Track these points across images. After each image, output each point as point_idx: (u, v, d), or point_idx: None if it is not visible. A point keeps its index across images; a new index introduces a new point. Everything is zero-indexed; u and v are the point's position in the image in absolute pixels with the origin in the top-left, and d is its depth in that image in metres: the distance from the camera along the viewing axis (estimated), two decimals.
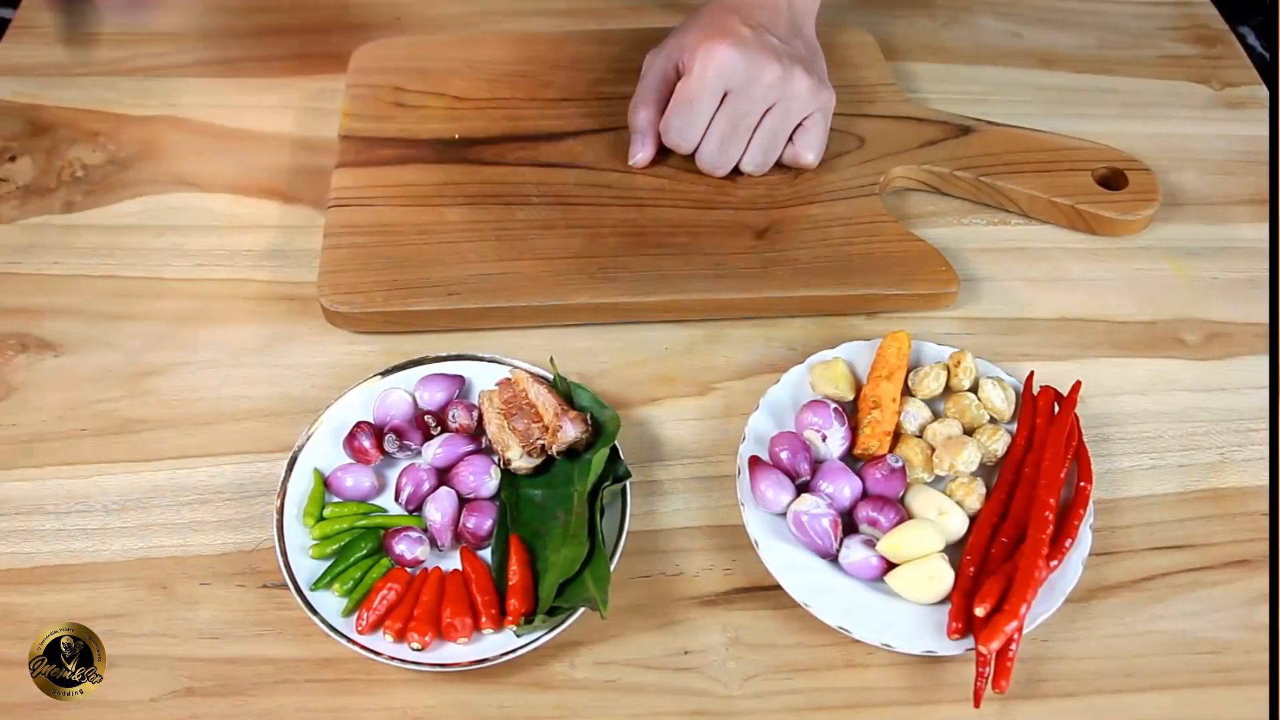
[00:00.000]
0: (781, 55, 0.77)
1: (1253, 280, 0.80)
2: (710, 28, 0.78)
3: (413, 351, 0.74)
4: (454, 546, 0.66)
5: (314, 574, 0.64)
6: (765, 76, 0.76)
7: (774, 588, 0.63)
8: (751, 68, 0.76)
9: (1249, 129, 0.91)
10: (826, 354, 0.73)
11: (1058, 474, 0.65)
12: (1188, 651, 0.63)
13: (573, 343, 0.76)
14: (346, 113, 0.86)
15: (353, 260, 0.77)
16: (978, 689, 0.59)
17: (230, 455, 0.71)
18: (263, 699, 0.61)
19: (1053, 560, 0.62)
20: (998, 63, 0.96)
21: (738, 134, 0.79)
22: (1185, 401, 0.74)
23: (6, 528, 0.67)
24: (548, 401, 0.68)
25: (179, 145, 0.88)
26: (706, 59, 0.76)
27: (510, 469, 0.67)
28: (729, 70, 0.76)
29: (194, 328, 0.77)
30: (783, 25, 0.81)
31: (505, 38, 0.94)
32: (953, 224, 0.84)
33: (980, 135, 0.86)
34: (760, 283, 0.76)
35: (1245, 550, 0.67)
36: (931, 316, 0.78)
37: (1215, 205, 0.85)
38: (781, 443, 0.67)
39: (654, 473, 0.70)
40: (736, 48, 0.76)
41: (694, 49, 0.77)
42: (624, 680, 0.62)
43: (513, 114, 0.87)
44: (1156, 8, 1.01)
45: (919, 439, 0.69)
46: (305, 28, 0.98)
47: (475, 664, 0.60)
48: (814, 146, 0.81)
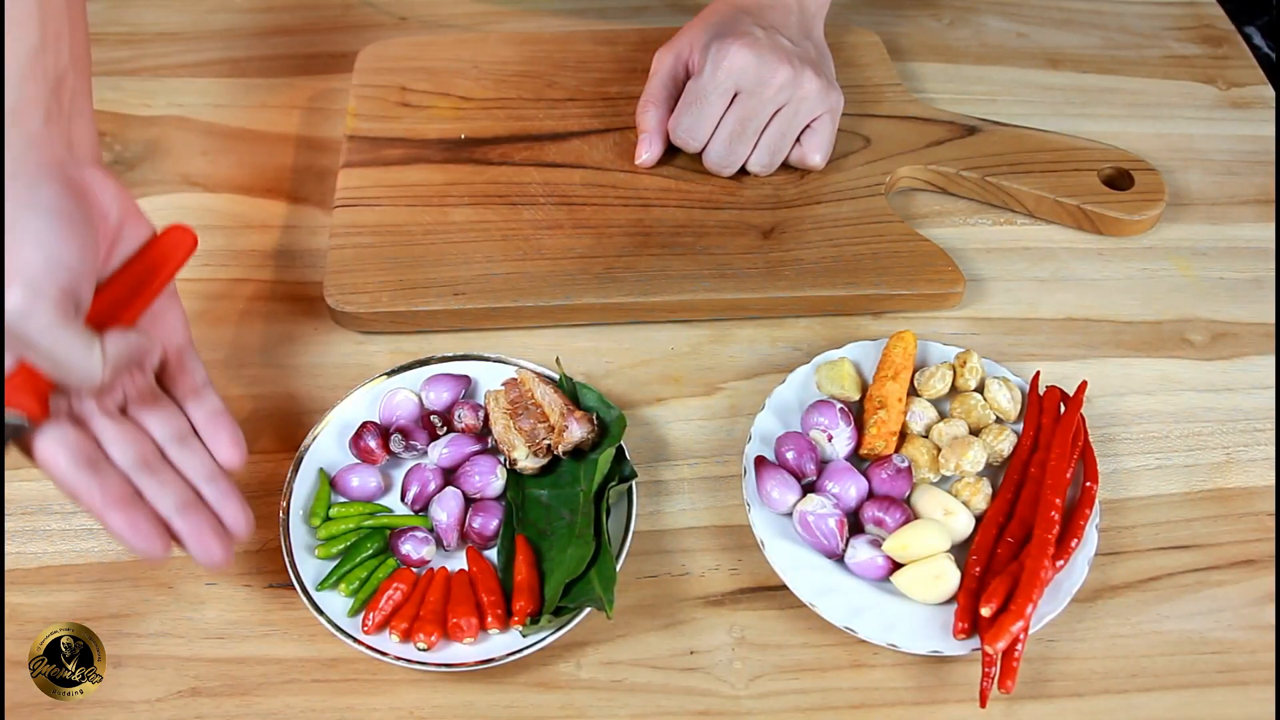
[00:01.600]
0: (792, 57, 0.77)
1: (1259, 280, 0.80)
2: (722, 27, 0.78)
3: (418, 351, 0.74)
4: (460, 546, 0.66)
5: (320, 574, 0.64)
6: (776, 78, 0.76)
7: (780, 588, 0.63)
8: (763, 69, 0.76)
9: (1255, 129, 0.90)
10: (832, 354, 0.73)
11: (1063, 474, 0.65)
12: (1194, 652, 0.63)
13: (579, 343, 0.76)
14: (352, 113, 0.86)
15: (359, 260, 0.77)
16: (983, 689, 0.59)
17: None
18: (268, 699, 0.61)
19: (1059, 560, 0.62)
20: (1003, 63, 0.96)
21: (746, 134, 0.79)
22: (1191, 402, 0.74)
23: (13, 527, 0.67)
24: (554, 401, 0.68)
25: (185, 145, 0.88)
26: (718, 58, 0.76)
27: (516, 469, 0.67)
28: (740, 70, 0.76)
29: (200, 328, 0.77)
30: (793, 26, 0.81)
31: (511, 37, 0.94)
32: (959, 224, 0.84)
33: (986, 135, 0.86)
34: (766, 283, 0.76)
35: (1251, 550, 0.67)
36: (937, 316, 0.78)
37: (1221, 205, 0.85)
38: (787, 443, 0.67)
39: (660, 473, 0.70)
40: (749, 48, 0.76)
41: (705, 48, 0.78)
42: (630, 680, 0.62)
43: (518, 114, 0.87)
44: (1162, 8, 1.01)
45: (925, 439, 0.69)
46: (311, 28, 0.98)
47: (481, 664, 0.60)
48: (821, 148, 0.81)
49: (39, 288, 0.52)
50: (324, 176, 0.85)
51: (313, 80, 0.94)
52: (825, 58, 0.84)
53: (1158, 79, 0.95)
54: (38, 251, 0.53)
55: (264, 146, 0.88)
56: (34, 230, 0.53)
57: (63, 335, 0.53)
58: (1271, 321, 0.78)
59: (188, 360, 0.63)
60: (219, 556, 0.58)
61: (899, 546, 0.63)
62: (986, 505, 0.66)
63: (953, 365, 0.72)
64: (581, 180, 0.83)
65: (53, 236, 0.54)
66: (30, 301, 0.52)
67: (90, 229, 0.56)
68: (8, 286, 0.52)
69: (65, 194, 0.55)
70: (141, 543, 0.55)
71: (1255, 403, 0.74)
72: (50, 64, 0.57)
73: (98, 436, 0.58)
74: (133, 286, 0.60)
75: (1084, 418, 0.69)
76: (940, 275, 0.77)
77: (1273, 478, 0.70)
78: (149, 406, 0.60)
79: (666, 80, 0.82)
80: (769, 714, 0.61)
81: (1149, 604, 0.65)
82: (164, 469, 0.59)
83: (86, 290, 0.55)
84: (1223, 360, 0.76)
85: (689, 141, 0.80)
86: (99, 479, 0.56)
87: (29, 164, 0.55)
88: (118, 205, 0.59)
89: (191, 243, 0.63)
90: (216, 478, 0.60)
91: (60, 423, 0.57)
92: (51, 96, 0.57)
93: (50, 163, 0.56)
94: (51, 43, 0.57)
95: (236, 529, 0.59)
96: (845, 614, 0.61)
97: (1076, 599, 0.63)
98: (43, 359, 0.54)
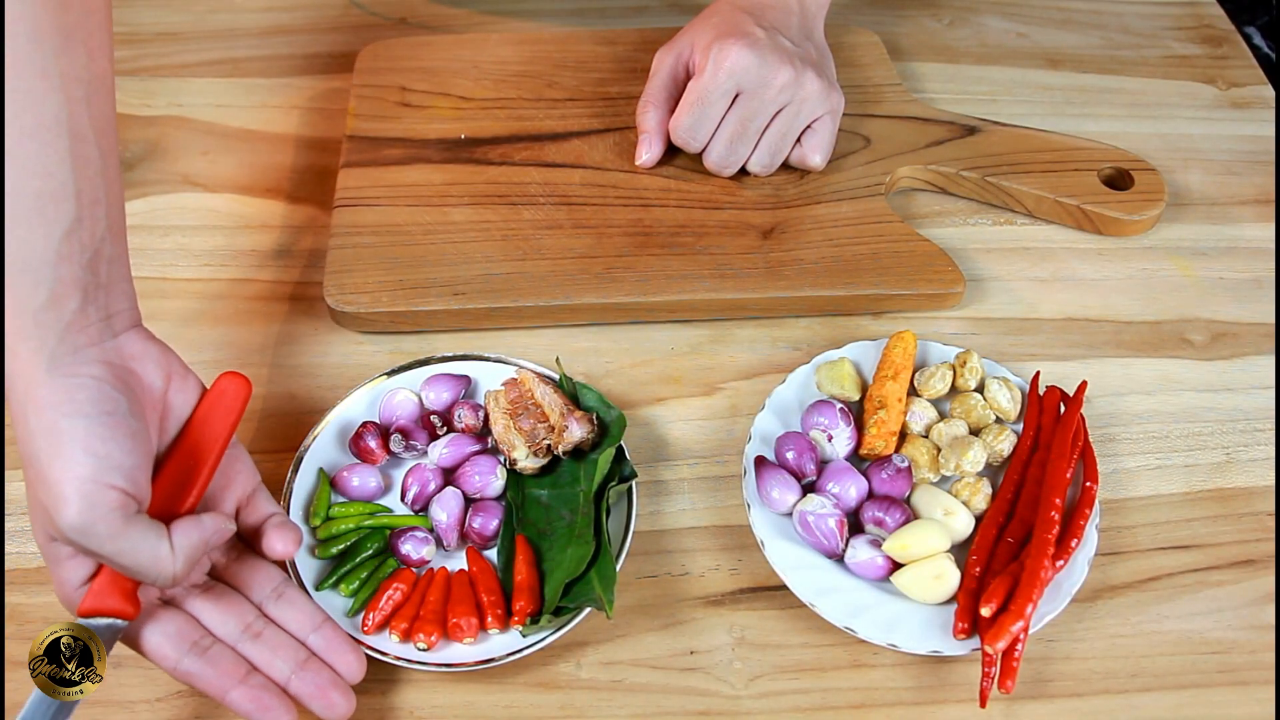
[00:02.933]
0: (794, 58, 0.77)
1: (1258, 280, 0.80)
2: (723, 27, 0.78)
3: (418, 351, 0.74)
4: (460, 546, 0.66)
5: (320, 574, 0.64)
6: (778, 79, 0.76)
7: (780, 588, 0.63)
8: (764, 69, 0.76)
9: (1255, 129, 0.90)
10: (832, 354, 0.73)
11: (1063, 474, 0.65)
12: (1194, 652, 0.63)
13: (578, 343, 0.76)
14: (352, 113, 0.86)
15: (359, 260, 0.77)
16: (983, 689, 0.59)
17: None
18: None
19: (1059, 560, 0.62)
20: (1003, 63, 0.96)
21: (747, 134, 0.79)
22: (1191, 401, 0.74)
23: (13, 527, 0.67)
24: (554, 401, 0.68)
25: (184, 145, 0.88)
26: (720, 58, 0.76)
27: (516, 469, 0.67)
28: (741, 70, 0.76)
29: (199, 327, 0.77)
30: (794, 27, 0.81)
31: (510, 37, 0.94)
32: (959, 224, 0.84)
33: (986, 135, 0.86)
34: (766, 283, 0.76)
35: (1251, 550, 0.67)
36: (937, 316, 0.78)
37: (1221, 205, 0.85)
38: (787, 443, 0.67)
39: (660, 473, 0.70)
40: (751, 48, 0.75)
41: (706, 48, 0.77)
42: (630, 680, 0.62)
43: (518, 114, 0.87)
44: (1162, 8, 1.01)
45: (925, 439, 0.69)
46: (311, 28, 0.98)
47: (481, 664, 0.60)
48: (822, 149, 0.81)
49: (93, 499, 0.51)
50: (324, 176, 0.85)
51: (313, 80, 0.94)
52: (826, 58, 0.83)
53: (1158, 79, 0.95)
54: (86, 457, 0.52)
55: (264, 146, 0.88)
56: (79, 435, 0.52)
57: (126, 541, 0.52)
58: (1271, 321, 0.78)
59: (260, 503, 0.61)
60: (343, 710, 0.57)
61: (899, 546, 0.63)
62: (986, 505, 0.66)
63: (953, 365, 0.72)
64: (581, 180, 0.82)
65: (99, 437, 0.52)
66: (87, 515, 0.51)
67: (138, 415, 0.55)
68: (63, 502, 0.51)
69: (106, 384, 0.54)
70: (269, 716, 0.55)
71: (1255, 403, 0.74)
72: (87, 238, 0.55)
73: (196, 616, 0.58)
74: (193, 454, 0.58)
75: (1084, 418, 0.69)
76: (940, 275, 0.77)
77: (1273, 478, 0.70)
78: (239, 565, 0.61)
79: (667, 81, 0.82)
80: (769, 714, 0.61)
81: (1149, 604, 0.65)
82: (269, 631, 0.58)
83: (144, 483, 0.54)
84: (1223, 360, 0.76)
85: (690, 142, 0.80)
86: (210, 662, 0.56)
87: (65, 356, 0.54)
88: (161, 372, 0.58)
89: (246, 390, 0.61)
90: (322, 626, 0.59)
91: (158, 614, 0.56)
92: (88, 273, 0.55)
93: (87, 348, 0.55)
94: (88, 212, 0.55)
95: (351, 675, 0.58)
96: (845, 614, 0.61)
97: (1076, 599, 0.63)
98: (113, 565, 0.53)
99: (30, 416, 0.53)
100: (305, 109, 0.91)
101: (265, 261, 0.81)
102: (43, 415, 0.52)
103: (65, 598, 0.57)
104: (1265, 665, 0.62)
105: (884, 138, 0.85)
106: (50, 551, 0.56)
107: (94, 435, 0.52)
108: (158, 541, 0.53)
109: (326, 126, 0.90)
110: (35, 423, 0.52)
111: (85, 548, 0.52)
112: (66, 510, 0.51)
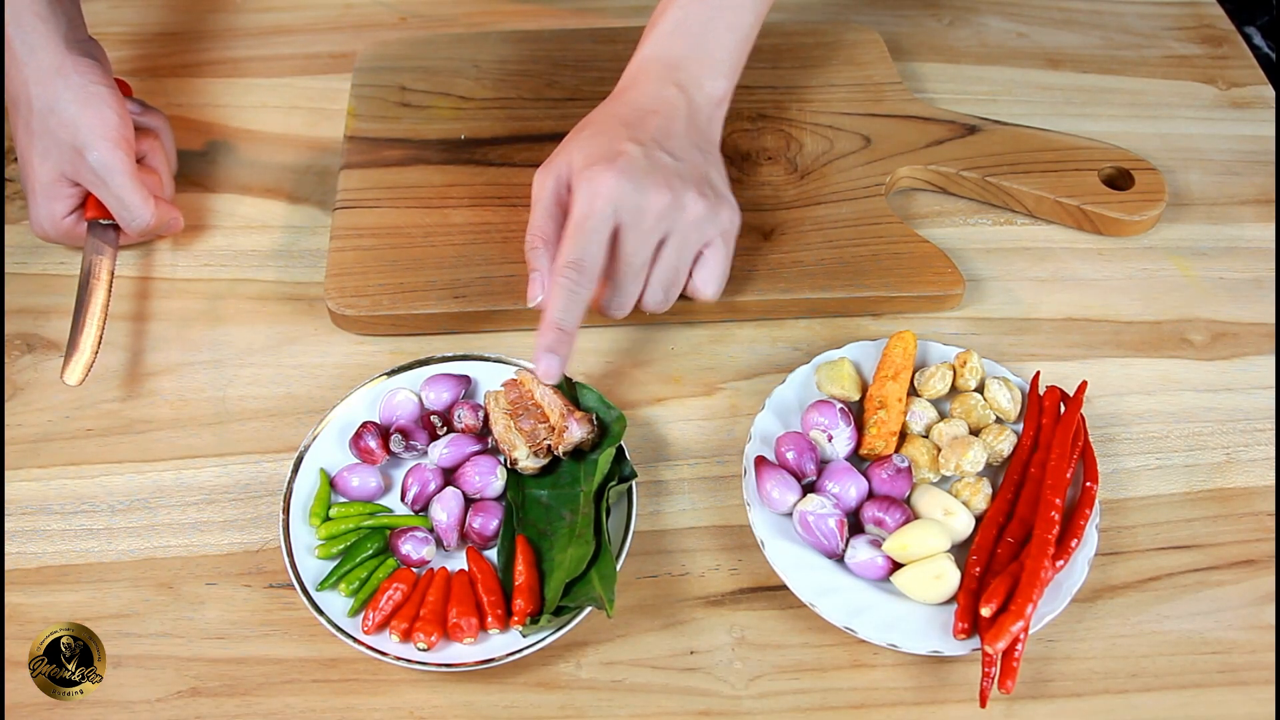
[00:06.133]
0: (672, 177, 0.69)
1: (1259, 280, 0.80)
2: (596, 148, 0.69)
3: (418, 351, 0.74)
4: (460, 546, 0.66)
5: (320, 574, 0.64)
6: (655, 205, 0.68)
7: (780, 588, 0.63)
8: (639, 195, 0.67)
9: (1255, 129, 0.90)
10: (832, 354, 0.73)
11: (1064, 474, 0.65)
12: (1194, 652, 0.63)
13: (579, 343, 0.76)
14: (352, 113, 0.86)
15: (359, 263, 0.77)
16: (984, 689, 0.59)
17: (236, 455, 0.71)
18: (268, 699, 0.61)
19: (1059, 560, 0.62)
20: (1004, 62, 0.96)
21: (633, 272, 0.70)
22: (1191, 402, 0.74)
23: (13, 528, 0.68)
24: (554, 402, 0.68)
25: (185, 145, 0.88)
26: (592, 189, 0.67)
27: (516, 469, 0.67)
28: (617, 199, 0.67)
29: (200, 328, 0.77)
30: (679, 135, 0.72)
31: (510, 36, 0.94)
32: (959, 224, 0.84)
33: (986, 135, 0.86)
34: (766, 284, 0.76)
35: (1251, 550, 0.67)
36: (937, 317, 0.78)
37: (1221, 205, 0.85)
38: (787, 443, 0.67)
39: (660, 473, 0.70)
40: (623, 174, 0.67)
41: (580, 173, 0.69)
42: (630, 680, 0.62)
43: (518, 114, 0.87)
44: (1162, 8, 1.01)
45: (925, 439, 0.69)
46: (311, 28, 0.98)
47: (481, 664, 0.60)
48: (714, 281, 0.72)
49: (118, 142, 0.73)
50: (324, 176, 0.86)
51: (313, 80, 0.94)
52: (716, 167, 0.74)
53: (1158, 79, 0.95)
54: (113, 115, 0.74)
55: (264, 147, 0.88)
56: (107, 97, 0.74)
57: (132, 180, 0.74)
58: (1271, 321, 0.78)
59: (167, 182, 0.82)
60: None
61: (899, 546, 0.63)
62: (986, 505, 0.66)
63: (953, 365, 0.72)
64: None
65: (117, 101, 0.74)
66: (114, 153, 0.73)
67: (117, 96, 0.75)
68: (98, 139, 0.72)
69: (104, 67, 0.76)
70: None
71: (1255, 403, 0.74)
72: None
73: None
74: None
75: (1084, 418, 0.69)
76: (940, 276, 0.77)
77: (1273, 478, 0.70)
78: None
79: (551, 208, 0.71)
80: (769, 714, 0.61)
81: (1149, 604, 0.65)
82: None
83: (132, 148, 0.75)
84: (1223, 360, 0.76)
85: (575, 289, 0.68)
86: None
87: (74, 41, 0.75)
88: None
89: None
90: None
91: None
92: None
93: (86, 40, 0.77)
94: None
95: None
96: (845, 614, 0.61)
97: (1076, 599, 0.63)
98: (111, 199, 0.74)
99: (57, 81, 0.73)
100: (305, 109, 0.91)
101: (265, 262, 0.81)
102: (70, 79, 0.73)
103: (51, 228, 0.77)
104: (1265, 665, 0.62)
105: (884, 137, 0.85)
106: (53, 190, 0.75)
107: (115, 99, 0.74)
108: (147, 193, 0.75)
109: (326, 126, 0.90)
110: (63, 85, 0.73)
111: (99, 178, 0.73)
112: (101, 145, 0.72)
